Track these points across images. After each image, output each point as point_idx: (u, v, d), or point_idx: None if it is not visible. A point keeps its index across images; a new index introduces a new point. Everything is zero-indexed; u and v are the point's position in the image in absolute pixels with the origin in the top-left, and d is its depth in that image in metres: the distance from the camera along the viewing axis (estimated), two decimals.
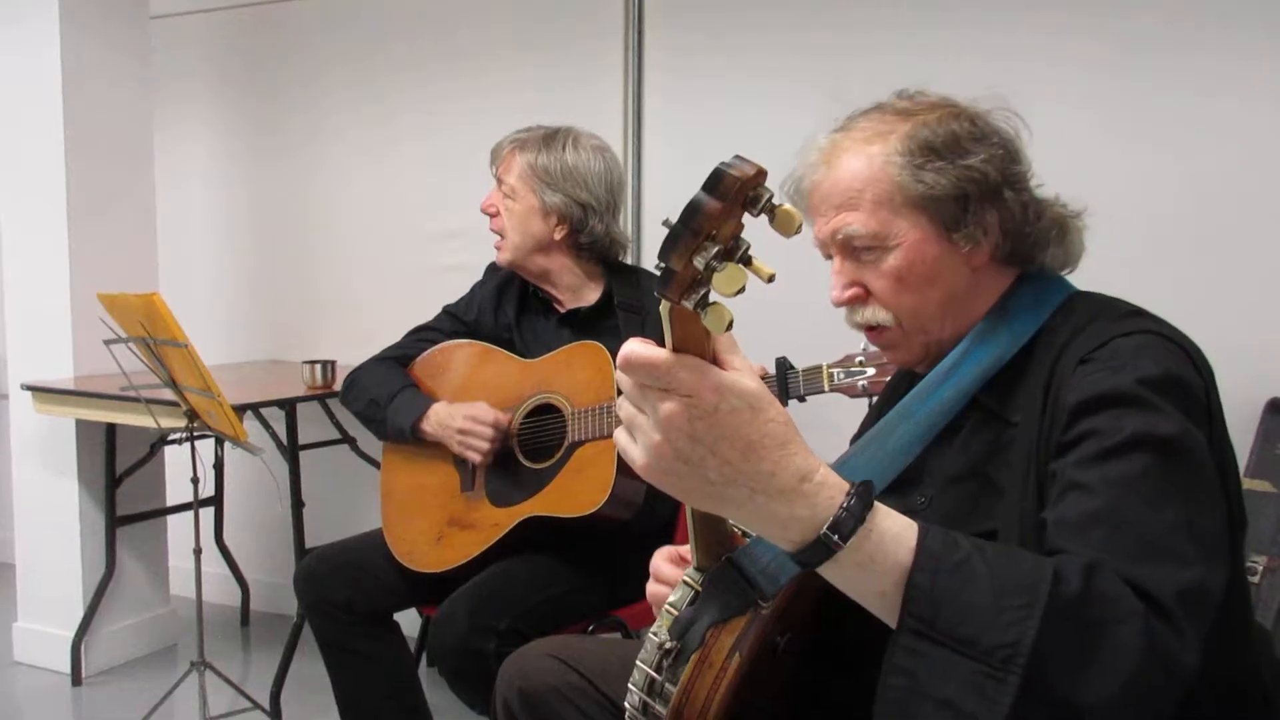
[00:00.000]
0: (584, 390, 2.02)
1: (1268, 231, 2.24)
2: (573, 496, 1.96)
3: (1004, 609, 0.78)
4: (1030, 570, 0.80)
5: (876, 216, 1.09)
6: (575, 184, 2.10)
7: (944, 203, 1.08)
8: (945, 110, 1.12)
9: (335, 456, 3.07)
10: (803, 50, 2.67)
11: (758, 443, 0.76)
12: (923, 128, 1.10)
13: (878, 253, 1.11)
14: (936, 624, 0.79)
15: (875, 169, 1.09)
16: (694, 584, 0.97)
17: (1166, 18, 2.29)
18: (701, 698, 0.93)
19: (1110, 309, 1.09)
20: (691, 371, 0.74)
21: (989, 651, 0.77)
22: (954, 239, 1.10)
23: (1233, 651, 1.03)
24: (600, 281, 2.20)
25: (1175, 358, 0.99)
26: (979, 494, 1.09)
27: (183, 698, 2.63)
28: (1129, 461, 0.91)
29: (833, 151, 1.14)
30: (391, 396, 2.16)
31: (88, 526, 2.98)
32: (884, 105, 1.16)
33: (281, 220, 3.48)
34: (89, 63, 2.93)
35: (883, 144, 1.10)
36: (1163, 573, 0.84)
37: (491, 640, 1.84)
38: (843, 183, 1.11)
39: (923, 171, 1.08)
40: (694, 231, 0.67)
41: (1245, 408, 2.17)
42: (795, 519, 0.79)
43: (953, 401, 1.09)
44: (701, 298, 0.68)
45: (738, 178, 0.67)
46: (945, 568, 0.80)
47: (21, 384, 2.89)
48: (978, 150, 1.09)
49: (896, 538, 0.81)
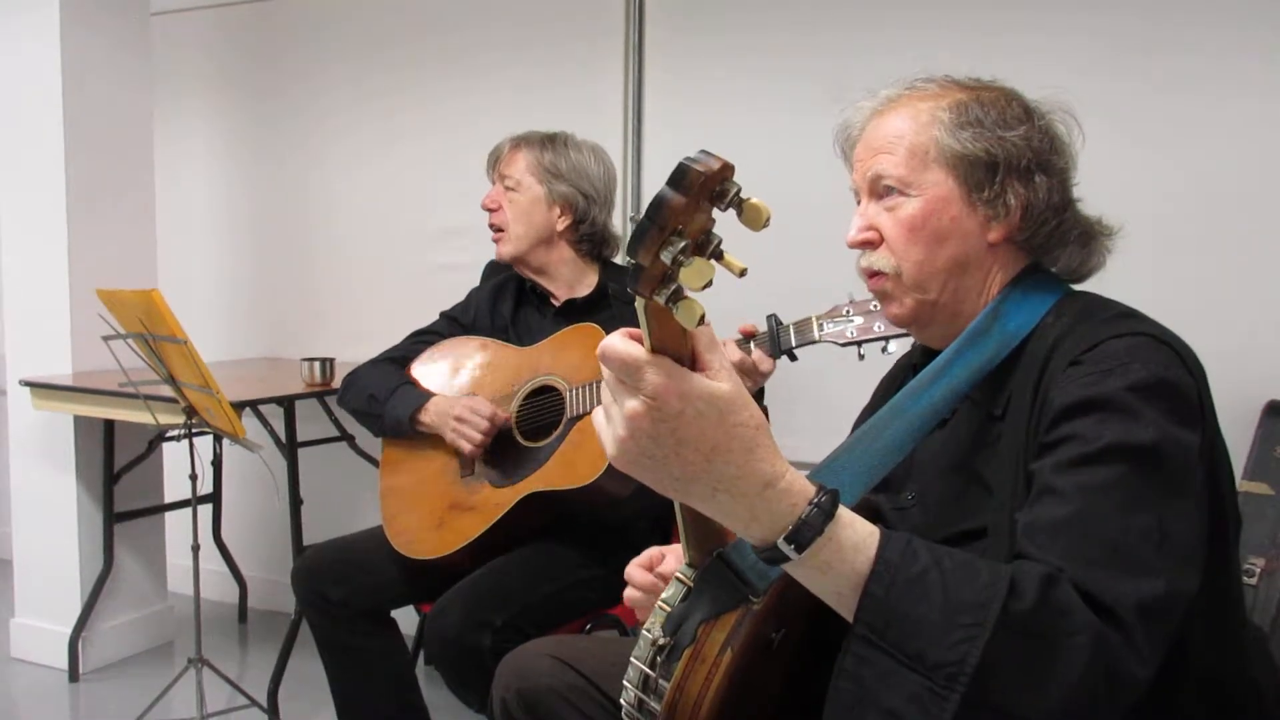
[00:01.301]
0: (580, 368, 2.05)
1: (1267, 234, 2.24)
2: (573, 469, 1.97)
3: (954, 626, 0.80)
4: (985, 586, 0.82)
5: (908, 164, 1.13)
6: (579, 176, 2.20)
7: (974, 165, 1.11)
8: (1003, 93, 1.16)
9: (333, 454, 3.07)
10: (803, 50, 2.67)
11: (723, 446, 0.78)
12: (974, 99, 1.14)
13: (899, 198, 1.13)
14: (887, 635, 0.81)
15: (920, 123, 1.13)
16: (686, 580, 0.97)
17: (1167, 19, 2.29)
18: (695, 693, 0.93)
19: (1102, 309, 1.10)
20: (660, 375, 0.75)
21: (934, 668, 0.79)
22: (975, 203, 1.12)
23: (1224, 652, 1.03)
24: (595, 275, 2.25)
25: (1166, 360, 0.99)
26: (966, 489, 1.10)
27: (180, 694, 2.63)
28: (1104, 469, 0.92)
29: (888, 105, 1.18)
30: (390, 391, 2.18)
31: (85, 523, 2.98)
32: (950, 76, 1.20)
33: (281, 217, 3.48)
34: (89, 59, 2.94)
35: (933, 102, 1.14)
36: (1125, 584, 0.85)
37: (487, 636, 1.84)
38: (888, 130, 1.15)
39: (961, 131, 1.11)
40: (660, 226, 0.67)
41: (1244, 409, 2.17)
42: (755, 521, 0.81)
43: (944, 400, 1.10)
44: (673, 293, 0.69)
45: (701, 172, 0.67)
46: (900, 580, 0.82)
47: (20, 380, 2.89)
48: (1018, 128, 1.12)
49: (856, 547, 0.83)
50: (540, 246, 2.20)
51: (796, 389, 2.37)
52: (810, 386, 2.44)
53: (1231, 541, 1.05)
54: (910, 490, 1.17)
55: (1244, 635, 1.07)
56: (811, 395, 2.44)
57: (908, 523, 1.15)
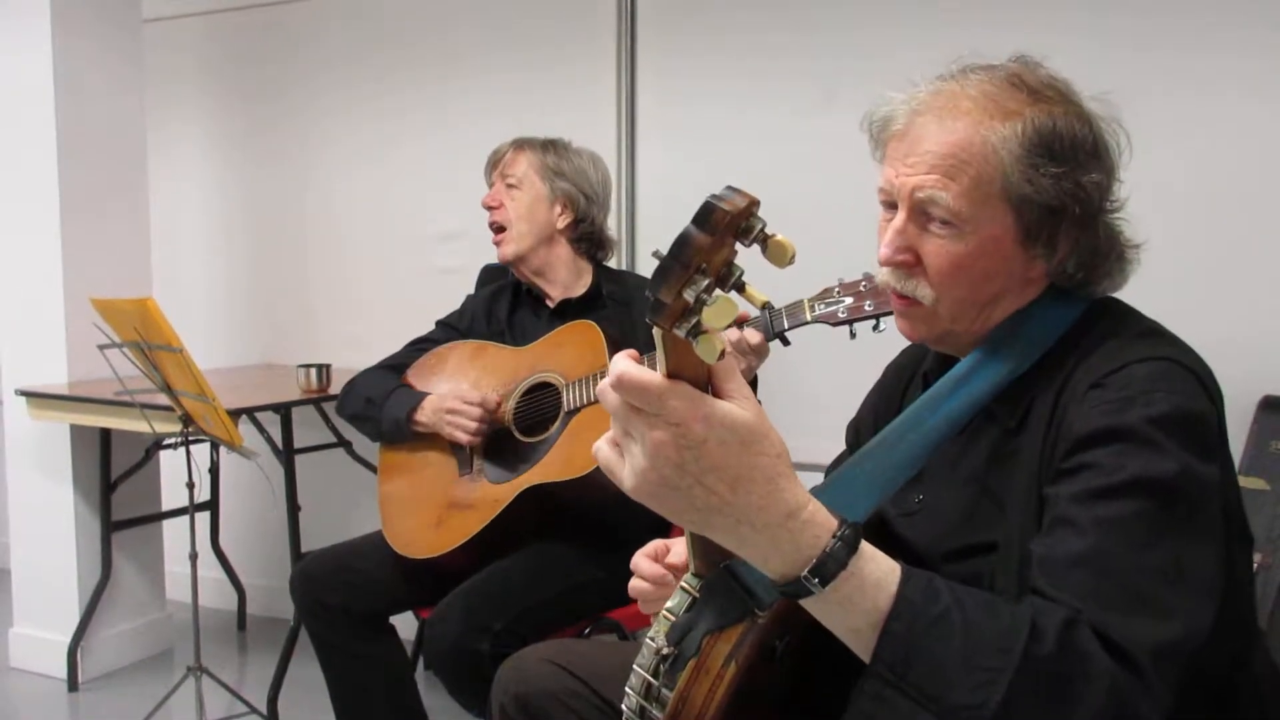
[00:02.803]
0: (577, 364, 2.06)
1: (1262, 228, 2.25)
2: (571, 460, 1.98)
3: (974, 669, 0.78)
4: (1006, 630, 0.80)
5: (970, 196, 1.01)
6: (580, 175, 2.24)
7: (1039, 210, 1.02)
8: (1075, 108, 1.05)
9: (331, 460, 3.07)
10: (797, 52, 2.67)
11: (746, 476, 0.76)
12: (1049, 119, 1.02)
13: (951, 230, 1.03)
14: (907, 675, 0.79)
15: (990, 148, 1.01)
16: (691, 590, 0.97)
17: (1167, 16, 2.30)
18: (698, 705, 0.93)
19: (1126, 325, 1.06)
20: (683, 401, 0.73)
21: (953, 710, 0.78)
22: (1028, 246, 1.04)
23: (1232, 661, 1.02)
24: (589, 276, 2.27)
25: (1188, 389, 0.96)
26: (977, 502, 1.08)
27: (179, 703, 2.63)
28: (1123, 503, 0.89)
29: (948, 105, 1.04)
30: (387, 394, 2.20)
31: (83, 532, 2.98)
32: (1006, 69, 1.06)
33: (275, 224, 3.48)
34: (82, 66, 2.93)
35: (1005, 124, 1.01)
36: (1141, 626, 0.83)
37: (487, 640, 1.84)
38: (949, 144, 1.02)
39: (1034, 171, 1.01)
40: (683, 265, 0.66)
41: (1239, 404, 2.18)
42: (778, 553, 0.79)
43: (962, 413, 1.07)
44: (693, 326, 0.68)
45: (728, 211, 0.65)
46: (922, 620, 0.80)
47: (15, 389, 2.88)
48: (1091, 168, 1.03)
49: (878, 584, 0.81)
50: (541, 245, 2.22)
51: (776, 386, 2.36)
52: (790, 382, 2.44)
53: (1243, 561, 1.04)
54: (919, 494, 1.14)
55: (1253, 645, 1.07)
56: (790, 390, 2.43)
57: (915, 530, 1.14)
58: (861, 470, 1.06)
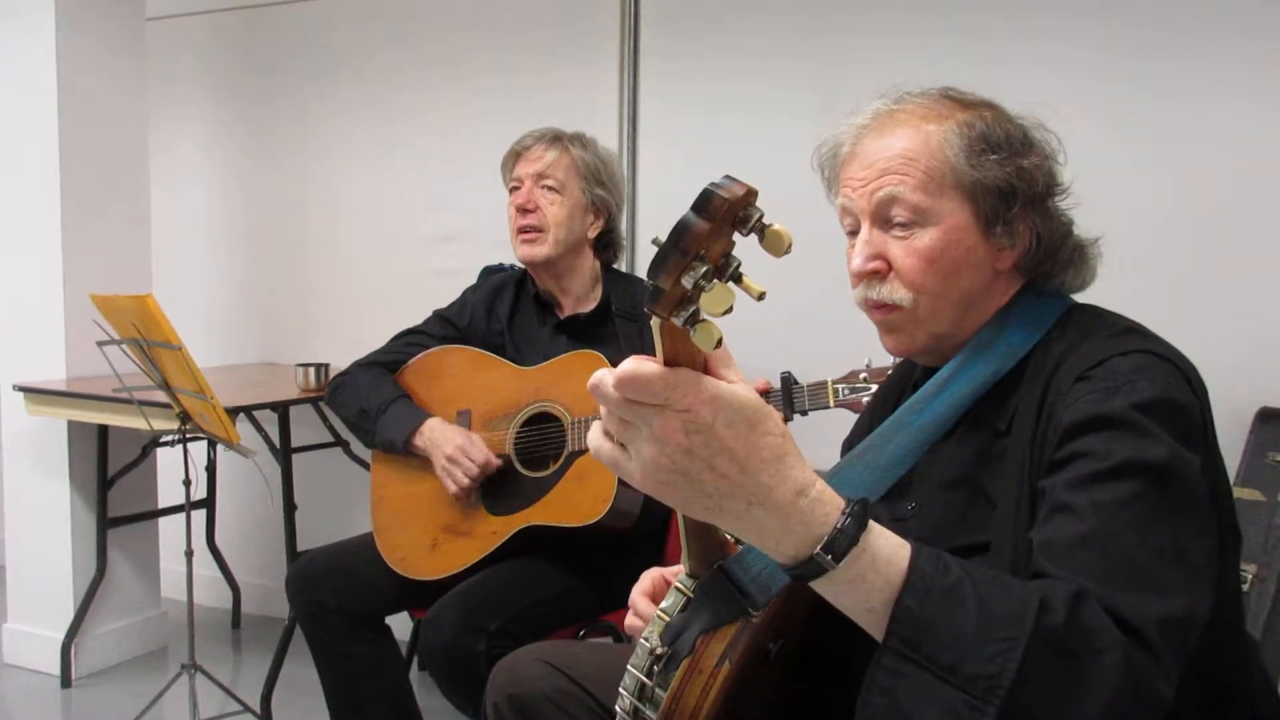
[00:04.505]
0: (583, 399, 2.01)
1: (1260, 240, 2.25)
2: (574, 506, 1.96)
3: (989, 639, 0.78)
4: (1018, 600, 0.80)
5: (925, 189, 1.08)
6: (612, 179, 2.19)
7: (991, 195, 1.08)
8: (999, 112, 1.12)
9: (328, 459, 3.07)
10: (799, 56, 2.67)
11: (755, 456, 0.75)
12: (979, 120, 1.09)
13: (913, 229, 1.09)
14: (921, 648, 0.79)
15: (932, 145, 1.08)
16: (685, 590, 0.97)
17: (1165, 23, 2.30)
18: (691, 704, 0.93)
19: (1106, 324, 1.09)
20: (687, 385, 0.73)
21: (971, 680, 0.77)
22: (988, 233, 1.09)
23: (1225, 665, 1.03)
24: (600, 290, 2.22)
25: (1171, 379, 0.99)
26: (969, 503, 1.09)
27: (173, 701, 2.62)
28: (1119, 486, 0.91)
29: (887, 121, 1.12)
30: (382, 408, 2.15)
31: (79, 528, 2.97)
32: (937, 89, 1.15)
33: (276, 223, 3.48)
34: (84, 64, 2.93)
35: (940, 124, 1.09)
36: (1146, 602, 0.84)
37: (482, 641, 1.84)
38: (895, 149, 1.09)
39: (979, 158, 1.07)
40: (682, 251, 0.67)
41: (1236, 416, 2.18)
42: (789, 534, 0.78)
43: (948, 414, 1.09)
44: (691, 314, 0.68)
45: (726, 198, 0.66)
46: (935, 592, 0.80)
47: (13, 385, 2.88)
48: (1028, 154, 1.10)
49: (889, 559, 0.81)
50: (569, 253, 2.16)
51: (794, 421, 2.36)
52: None
53: (1230, 558, 1.05)
54: (911, 501, 1.15)
55: (1246, 650, 1.07)
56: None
57: (907, 534, 1.14)
58: (851, 471, 1.07)
